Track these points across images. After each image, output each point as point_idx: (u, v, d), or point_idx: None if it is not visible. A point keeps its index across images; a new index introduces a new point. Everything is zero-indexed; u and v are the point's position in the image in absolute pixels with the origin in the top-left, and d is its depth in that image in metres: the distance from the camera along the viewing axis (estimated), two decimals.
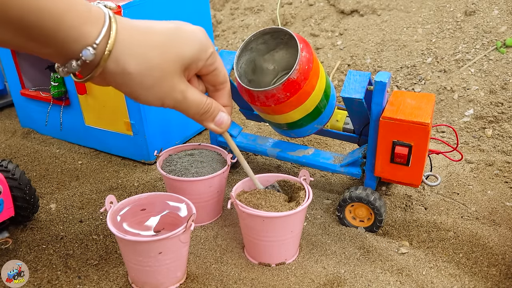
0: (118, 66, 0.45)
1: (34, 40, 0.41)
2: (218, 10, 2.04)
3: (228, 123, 0.58)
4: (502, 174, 1.05)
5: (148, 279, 0.73)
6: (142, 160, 1.14)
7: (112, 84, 0.47)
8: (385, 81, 0.79)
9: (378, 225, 0.87)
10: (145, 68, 0.46)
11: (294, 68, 0.76)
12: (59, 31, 0.40)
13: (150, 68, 0.47)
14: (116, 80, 0.46)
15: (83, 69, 0.45)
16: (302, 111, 0.83)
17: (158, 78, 0.48)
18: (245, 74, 0.87)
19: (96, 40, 0.42)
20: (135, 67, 0.46)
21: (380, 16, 1.63)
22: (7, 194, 0.82)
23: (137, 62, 0.46)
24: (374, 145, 0.84)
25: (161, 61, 0.47)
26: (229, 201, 0.78)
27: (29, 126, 1.35)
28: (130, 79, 0.46)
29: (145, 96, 0.49)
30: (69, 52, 0.43)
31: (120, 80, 0.46)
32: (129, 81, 0.46)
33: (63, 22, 0.40)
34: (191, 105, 0.53)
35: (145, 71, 0.46)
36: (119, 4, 0.95)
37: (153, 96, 0.49)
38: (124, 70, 0.45)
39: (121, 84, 0.47)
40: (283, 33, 0.83)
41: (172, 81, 0.50)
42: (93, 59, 0.43)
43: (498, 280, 0.77)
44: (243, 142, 1.02)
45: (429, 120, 0.77)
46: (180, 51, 0.49)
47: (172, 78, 0.49)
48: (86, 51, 0.42)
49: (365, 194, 0.86)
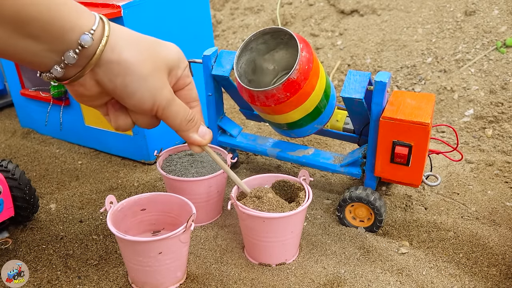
0: (114, 53, 0.46)
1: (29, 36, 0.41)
2: (218, 10, 2.04)
3: (211, 135, 0.60)
4: (502, 174, 1.05)
5: (148, 279, 0.73)
6: (142, 160, 1.14)
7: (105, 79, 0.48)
8: (385, 81, 0.79)
9: (378, 225, 0.87)
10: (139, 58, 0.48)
11: (294, 68, 0.76)
12: (55, 22, 0.42)
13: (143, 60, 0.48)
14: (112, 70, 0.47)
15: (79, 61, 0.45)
16: (302, 111, 0.83)
17: (151, 69, 0.49)
18: (245, 74, 0.87)
19: (93, 27, 0.44)
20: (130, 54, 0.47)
21: (380, 16, 1.63)
22: (7, 194, 0.82)
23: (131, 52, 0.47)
24: (374, 145, 0.84)
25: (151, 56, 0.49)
26: (229, 202, 0.78)
27: (29, 126, 1.35)
28: (127, 67, 0.47)
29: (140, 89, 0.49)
30: (65, 43, 0.43)
31: (117, 69, 0.47)
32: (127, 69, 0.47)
33: (59, 12, 0.42)
34: (180, 109, 0.54)
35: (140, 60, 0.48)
36: (119, 4, 0.94)
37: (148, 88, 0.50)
38: (121, 57, 0.47)
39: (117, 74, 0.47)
40: (283, 33, 0.83)
41: (164, 77, 0.51)
42: (91, 45, 0.44)
43: (498, 280, 0.77)
44: (243, 142, 1.02)
45: (429, 120, 0.77)
46: (164, 54, 0.51)
47: (163, 74, 0.51)
48: (85, 36, 0.43)
49: (365, 194, 0.86)
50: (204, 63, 0.96)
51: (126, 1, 0.96)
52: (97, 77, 0.47)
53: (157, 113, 0.53)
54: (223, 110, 1.05)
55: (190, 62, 0.98)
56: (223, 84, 0.99)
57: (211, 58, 0.95)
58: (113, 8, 0.95)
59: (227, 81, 0.96)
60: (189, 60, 0.98)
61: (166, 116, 0.54)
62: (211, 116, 1.03)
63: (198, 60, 0.98)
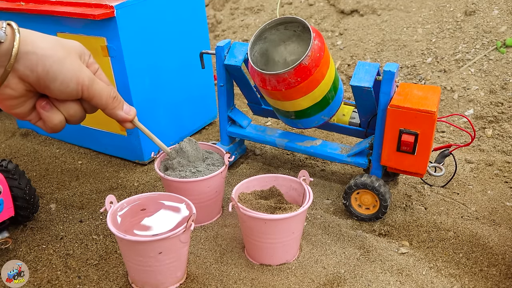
0: (28, 45, 0.50)
1: None
2: (218, 10, 2.04)
3: (134, 111, 0.66)
4: (502, 174, 1.05)
5: (148, 279, 0.73)
6: (136, 160, 1.14)
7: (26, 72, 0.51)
8: (394, 71, 0.82)
9: (384, 211, 0.89)
10: (51, 47, 0.53)
11: (306, 54, 0.79)
12: None
13: (55, 47, 0.53)
14: (31, 61, 0.51)
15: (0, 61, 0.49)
16: (310, 99, 0.85)
17: (65, 53, 0.54)
18: (258, 63, 0.90)
19: (3, 25, 0.48)
20: (43, 43, 0.52)
21: (380, 16, 1.63)
22: (7, 194, 0.82)
23: (43, 43, 0.52)
24: (381, 135, 0.86)
25: (60, 44, 0.54)
26: (229, 203, 0.78)
27: (26, 126, 1.34)
28: (43, 54, 0.51)
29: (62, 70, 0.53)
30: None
31: (35, 58, 0.51)
32: (44, 56, 0.51)
33: None
34: (103, 87, 0.59)
35: (53, 48, 0.53)
36: (112, 5, 0.94)
37: (68, 69, 0.54)
38: (36, 47, 0.51)
39: (37, 63, 0.51)
40: (296, 24, 0.86)
41: (78, 60, 0.56)
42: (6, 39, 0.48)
43: (498, 280, 0.77)
44: (252, 133, 1.05)
45: (435, 108, 0.79)
46: (69, 44, 0.57)
47: (77, 58, 0.56)
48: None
49: (370, 180, 0.88)
50: (217, 53, 0.99)
51: (119, 2, 0.96)
52: (19, 73, 0.51)
53: (83, 94, 0.57)
54: (234, 102, 1.07)
55: (203, 54, 1.02)
56: (234, 75, 1.01)
57: (224, 49, 0.98)
58: (106, 9, 0.94)
59: (239, 72, 0.99)
60: (202, 51, 1.03)
61: (92, 95, 0.58)
62: (222, 107, 1.05)
63: (211, 51, 1.02)
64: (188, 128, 1.25)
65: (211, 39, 1.90)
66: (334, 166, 1.11)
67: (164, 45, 1.09)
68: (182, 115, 1.21)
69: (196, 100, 1.25)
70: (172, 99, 1.16)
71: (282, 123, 1.32)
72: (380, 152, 0.87)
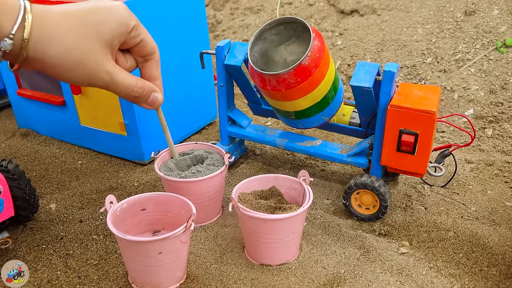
0: (37, 52, 0.47)
1: None
2: (218, 10, 2.04)
3: (160, 101, 0.60)
4: (502, 174, 1.05)
5: (148, 279, 0.73)
6: (136, 160, 1.14)
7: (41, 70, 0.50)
8: (394, 71, 0.82)
9: (384, 211, 0.89)
10: (63, 51, 0.48)
11: (306, 54, 0.79)
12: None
13: (68, 50, 0.49)
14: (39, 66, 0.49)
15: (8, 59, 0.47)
16: (310, 99, 0.85)
17: (79, 59, 0.50)
18: (258, 63, 0.90)
19: (12, 31, 0.45)
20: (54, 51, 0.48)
21: (380, 16, 1.63)
22: (7, 194, 0.82)
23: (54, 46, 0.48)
24: (381, 135, 0.87)
25: (78, 43, 0.49)
26: (229, 203, 0.78)
27: (26, 126, 1.34)
28: (52, 62, 0.48)
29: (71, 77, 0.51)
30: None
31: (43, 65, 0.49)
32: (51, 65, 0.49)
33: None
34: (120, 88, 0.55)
35: (63, 53, 0.49)
36: None
37: (79, 77, 0.51)
38: (44, 55, 0.48)
39: (46, 68, 0.49)
40: (296, 25, 0.86)
41: (95, 62, 0.51)
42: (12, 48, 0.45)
43: (498, 280, 0.77)
44: (253, 133, 1.05)
45: (435, 108, 0.79)
46: (97, 31, 0.50)
47: (95, 59, 0.51)
48: (3, 42, 0.45)
49: (370, 180, 0.88)
50: (217, 53, 0.99)
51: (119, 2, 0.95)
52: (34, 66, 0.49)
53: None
54: (234, 102, 1.07)
55: (203, 53, 1.02)
56: (234, 75, 1.01)
57: (224, 49, 0.98)
58: None
59: (239, 72, 0.98)
60: (202, 52, 1.02)
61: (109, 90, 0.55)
62: (222, 107, 1.05)
63: (211, 51, 1.01)
64: (188, 128, 1.25)
65: (211, 39, 1.90)
66: (334, 166, 1.11)
67: (164, 45, 1.09)
68: (182, 115, 1.21)
69: (196, 100, 1.25)
70: (172, 99, 1.16)
71: (282, 123, 1.32)
72: (380, 152, 0.87)
